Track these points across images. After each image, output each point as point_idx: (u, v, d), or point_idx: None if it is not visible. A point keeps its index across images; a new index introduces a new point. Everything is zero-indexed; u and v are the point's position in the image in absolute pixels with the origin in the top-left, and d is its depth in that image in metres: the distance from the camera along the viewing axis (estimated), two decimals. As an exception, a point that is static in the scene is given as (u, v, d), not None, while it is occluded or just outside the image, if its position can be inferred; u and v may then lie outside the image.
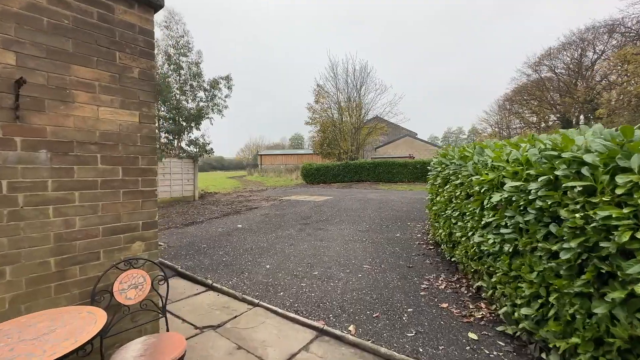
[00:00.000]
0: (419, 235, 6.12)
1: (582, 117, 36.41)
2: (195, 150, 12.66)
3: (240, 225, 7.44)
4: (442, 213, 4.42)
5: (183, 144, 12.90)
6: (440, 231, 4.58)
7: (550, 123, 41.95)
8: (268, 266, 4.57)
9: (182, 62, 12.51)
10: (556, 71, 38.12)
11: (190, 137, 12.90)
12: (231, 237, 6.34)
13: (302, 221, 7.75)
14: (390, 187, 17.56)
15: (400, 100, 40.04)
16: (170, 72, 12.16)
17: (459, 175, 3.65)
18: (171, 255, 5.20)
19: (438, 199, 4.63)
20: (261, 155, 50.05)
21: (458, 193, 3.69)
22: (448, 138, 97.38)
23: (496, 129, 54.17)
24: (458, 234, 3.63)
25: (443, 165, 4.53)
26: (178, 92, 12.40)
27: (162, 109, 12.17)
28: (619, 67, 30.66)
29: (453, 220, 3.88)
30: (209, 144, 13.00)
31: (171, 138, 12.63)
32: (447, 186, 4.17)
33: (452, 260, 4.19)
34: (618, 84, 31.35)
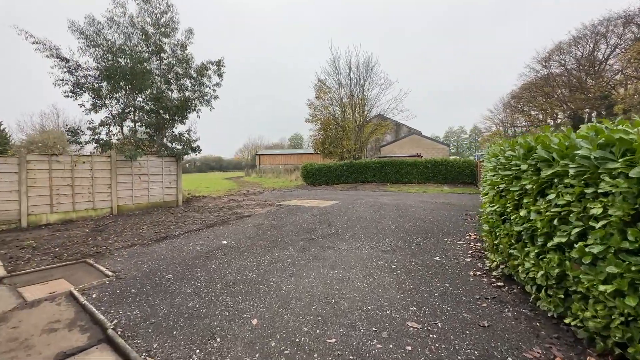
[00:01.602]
0: (468, 260, 4.44)
1: (594, 113, 34.80)
2: (179, 147, 10.84)
3: (225, 242, 5.74)
4: (537, 238, 2.73)
5: (165, 141, 11.06)
6: (527, 265, 2.89)
7: (559, 120, 40.35)
8: (255, 321, 2.87)
9: (164, 43, 10.69)
10: (567, 66, 36.49)
11: (173, 132, 11.08)
12: (209, 261, 4.64)
13: (304, 235, 6.05)
14: (400, 189, 15.86)
15: (406, 97, 38.31)
16: (148, 55, 10.34)
17: (602, 179, 1.97)
18: (115, 296, 3.50)
19: (522, 214, 2.93)
20: (259, 155, 48.30)
21: (598, 210, 2.00)
22: (450, 138, 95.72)
23: (501, 128, 52.60)
24: (601, 288, 1.95)
25: (531, 162, 2.83)
26: (159, 79, 10.61)
27: (139, 98, 10.40)
28: (634, 61, 29.09)
29: (580, 257, 2.19)
30: (195, 140, 11.12)
31: (152, 133, 10.83)
32: (552, 195, 2.49)
33: (561, 319, 2.51)
34: (636, 78, 29.79)
